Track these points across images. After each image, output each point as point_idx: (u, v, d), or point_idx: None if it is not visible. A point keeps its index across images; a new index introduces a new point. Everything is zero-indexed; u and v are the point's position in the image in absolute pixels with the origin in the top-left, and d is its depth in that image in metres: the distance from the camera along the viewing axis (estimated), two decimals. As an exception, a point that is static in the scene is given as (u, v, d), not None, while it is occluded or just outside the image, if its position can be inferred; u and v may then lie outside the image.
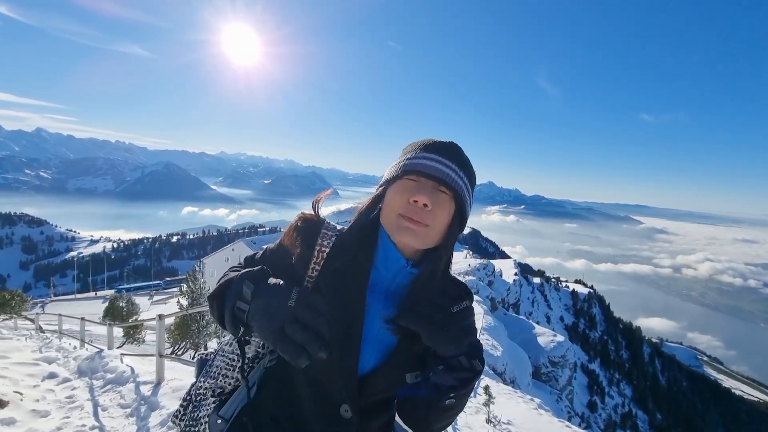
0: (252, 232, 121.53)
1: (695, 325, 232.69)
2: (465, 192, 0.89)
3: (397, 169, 0.89)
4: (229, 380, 0.98)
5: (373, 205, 0.94)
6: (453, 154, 0.89)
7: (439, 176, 0.85)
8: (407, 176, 0.87)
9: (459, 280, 0.99)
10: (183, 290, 14.94)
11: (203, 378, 1.02)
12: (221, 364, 1.00)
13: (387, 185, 0.91)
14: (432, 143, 0.90)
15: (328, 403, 0.89)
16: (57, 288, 66.00)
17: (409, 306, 0.87)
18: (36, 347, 7.48)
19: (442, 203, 0.86)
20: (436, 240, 0.88)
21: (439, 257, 0.90)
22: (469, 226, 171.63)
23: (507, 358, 28.62)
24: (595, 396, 54.13)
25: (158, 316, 5.12)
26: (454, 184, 0.86)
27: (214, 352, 1.07)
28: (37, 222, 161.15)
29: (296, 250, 0.92)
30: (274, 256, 0.96)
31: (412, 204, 0.84)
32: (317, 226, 0.94)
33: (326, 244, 0.91)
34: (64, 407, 4.29)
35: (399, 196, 0.87)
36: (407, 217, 0.84)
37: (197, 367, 1.07)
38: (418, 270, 0.91)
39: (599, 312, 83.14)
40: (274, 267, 0.90)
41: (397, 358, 0.92)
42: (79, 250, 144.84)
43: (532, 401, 16.39)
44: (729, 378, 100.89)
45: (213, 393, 0.97)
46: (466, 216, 0.91)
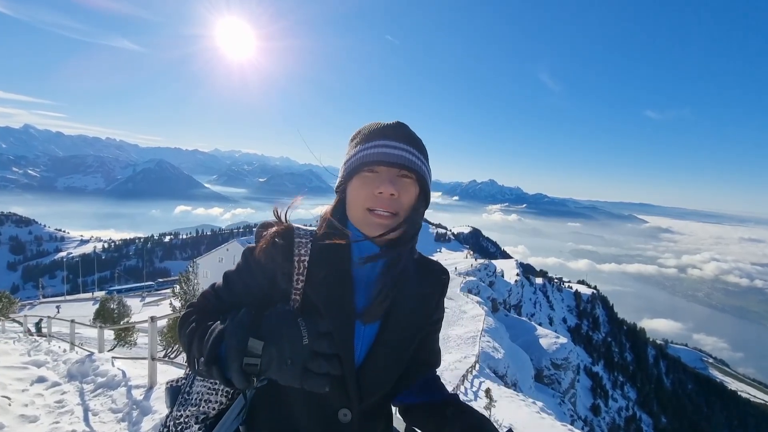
0: (247, 232, 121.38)
1: (701, 326, 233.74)
2: (425, 171, 0.92)
3: (353, 163, 0.90)
4: (213, 405, 0.96)
5: (339, 205, 0.95)
6: (403, 135, 0.91)
7: (398, 162, 0.87)
8: (365, 169, 0.88)
9: (430, 258, 1.05)
10: (176, 292, 14.96)
11: (181, 407, 0.99)
12: (202, 390, 0.98)
13: (346, 181, 0.92)
14: (379, 128, 0.92)
15: (325, 410, 0.89)
16: (46, 289, 65.75)
17: (381, 289, 0.90)
18: (24, 350, 7.46)
19: (406, 188, 0.89)
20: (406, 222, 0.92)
21: (409, 235, 0.93)
22: (470, 225, 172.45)
23: (508, 361, 28.68)
24: (599, 399, 54.36)
25: (150, 318, 5.11)
26: (414, 166, 0.89)
27: (186, 378, 1.04)
28: (26, 221, 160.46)
29: (275, 265, 0.90)
30: (244, 280, 0.93)
31: (378, 196, 0.86)
32: (290, 236, 0.93)
33: (304, 252, 0.91)
34: (53, 412, 4.28)
35: (362, 190, 0.88)
36: (375, 212, 0.87)
37: (169, 397, 1.04)
38: (393, 254, 0.93)
39: (603, 313, 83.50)
40: (249, 292, 0.90)
41: (387, 351, 0.93)
42: (68, 250, 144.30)
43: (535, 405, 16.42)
44: (735, 380, 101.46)
45: (197, 420, 0.95)
46: (429, 193, 0.95)
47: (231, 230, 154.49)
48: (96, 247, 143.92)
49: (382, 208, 0.86)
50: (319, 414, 0.89)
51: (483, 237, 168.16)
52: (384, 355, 0.92)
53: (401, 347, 0.95)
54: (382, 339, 0.92)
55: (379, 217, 0.86)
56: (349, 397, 0.88)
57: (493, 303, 50.32)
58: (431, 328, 1.04)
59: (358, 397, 0.89)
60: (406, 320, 0.95)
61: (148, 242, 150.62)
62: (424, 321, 1.00)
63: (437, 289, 1.03)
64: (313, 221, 1.03)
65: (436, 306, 1.03)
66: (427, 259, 1.05)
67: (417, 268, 1.00)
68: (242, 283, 0.92)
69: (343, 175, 0.93)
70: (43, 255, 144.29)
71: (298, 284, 0.90)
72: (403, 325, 0.94)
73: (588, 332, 73.79)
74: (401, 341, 0.95)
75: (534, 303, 70.49)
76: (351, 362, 0.88)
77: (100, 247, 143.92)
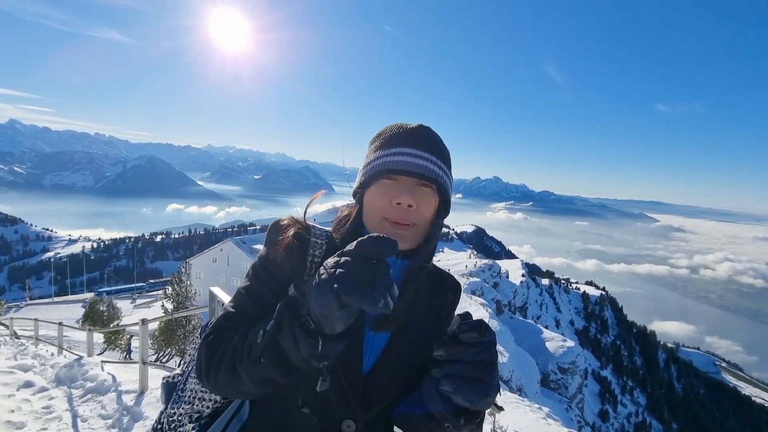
0: (241, 231, 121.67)
1: (713, 329, 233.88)
2: (447, 181, 0.91)
3: (372, 169, 0.90)
4: (207, 403, 0.96)
5: (357, 211, 0.96)
6: (426, 141, 0.90)
7: (418, 172, 0.86)
8: (385, 176, 0.88)
9: (443, 270, 1.06)
10: (168, 293, 15.00)
11: (175, 404, 0.99)
12: (196, 387, 0.98)
13: (364, 187, 0.92)
14: (401, 133, 0.91)
15: (328, 421, 0.88)
16: (33, 291, 65.94)
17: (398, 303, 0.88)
18: (10, 354, 7.48)
19: (426, 199, 0.88)
20: (426, 233, 0.91)
21: (428, 247, 0.93)
22: (474, 224, 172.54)
23: (514, 365, 28.77)
24: (607, 404, 54.51)
25: (141, 320, 5.13)
26: (435, 176, 0.88)
27: (182, 374, 1.04)
28: (11, 220, 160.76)
29: (291, 267, 0.90)
30: (270, 287, 0.90)
31: (396, 206, 0.86)
32: (306, 236, 0.93)
33: (318, 254, 0.91)
34: (41, 418, 4.29)
35: (380, 199, 0.88)
36: (393, 221, 0.86)
37: (165, 392, 1.04)
38: (409, 261, 0.92)
39: (611, 315, 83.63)
40: (278, 297, 0.81)
41: (396, 361, 0.92)
42: (56, 250, 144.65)
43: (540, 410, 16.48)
44: (749, 385, 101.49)
45: (191, 419, 0.95)
46: (449, 203, 0.95)
47: (225, 229, 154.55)
48: (85, 246, 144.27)
49: (400, 219, 0.86)
50: (322, 425, 0.88)
51: (487, 236, 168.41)
52: (392, 365, 0.92)
53: (410, 359, 0.94)
54: (392, 349, 0.92)
55: (396, 226, 0.86)
56: (353, 408, 0.87)
57: (498, 305, 50.44)
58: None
59: (363, 407, 0.88)
60: (417, 332, 0.95)
61: (138, 242, 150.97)
62: (435, 333, 0.99)
63: (449, 301, 1.04)
64: (312, 219, 1.01)
65: (447, 319, 1.04)
66: (441, 271, 1.05)
67: (431, 278, 1.00)
68: (269, 292, 0.89)
69: (361, 180, 0.93)
70: (29, 255, 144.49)
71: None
72: (414, 337, 0.94)
73: (596, 335, 73.91)
74: (411, 353, 0.94)
75: (540, 305, 70.58)
76: (358, 370, 0.88)
77: (89, 246, 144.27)
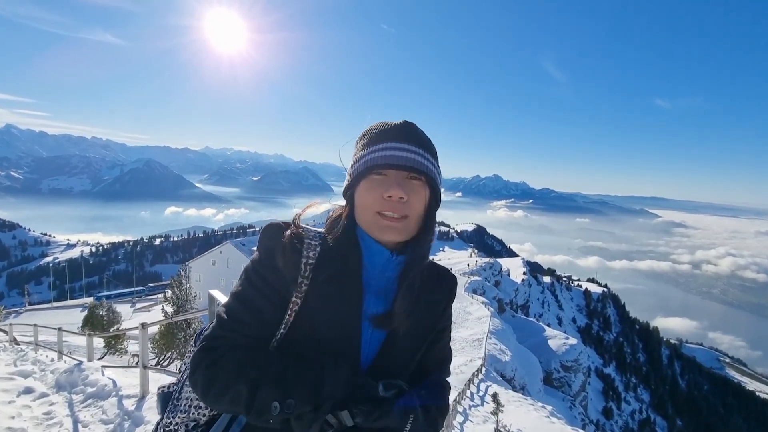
0: (241, 233, 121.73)
1: (717, 324, 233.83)
2: (435, 172, 0.94)
3: (360, 166, 0.92)
4: (203, 411, 0.97)
5: (349, 209, 0.97)
6: (412, 136, 0.93)
7: (407, 164, 0.89)
8: (374, 172, 0.90)
9: (440, 265, 1.09)
10: (168, 297, 15.02)
11: (170, 414, 1.00)
12: (191, 395, 0.99)
13: (354, 185, 0.94)
14: (387, 129, 0.93)
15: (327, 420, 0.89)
16: (32, 296, 65.84)
17: (396, 298, 0.94)
18: (10, 360, 7.47)
19: (417, 191, 0.91)
20: (418, 226, 0.94)
21: (424, 240, 0.96)
22: (474, 223, 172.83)
23: (516, 363, 28.77)
24: (611, 402, 54.50)
25: (141, 324, 5.12)
26: (424, 169, 0.91)
27: (177, 383, 1.05)
28: (9, 225, 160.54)
29: (286, 270, 0.91)
30: (263, 294, 0.92)
31: (387, 199, 0.88)
32: (299, 239, 0.94)
33: (312, 255, 0.93)
34: (41, 424, 4.28)
35: (371, 194, 0.90)
36: (385, 215, 0.89)
37: (161, 402, 1.06)
38: (404, 257, 0.95)
39: (614, 312, 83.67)
40: (273, 305, 0.91)
41: (394, 357, 0.95)
42: (54, 255, 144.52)
43: (544, 409, 16.51)
44: (753, 380, 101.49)
45: (187, 427, 0.96)
46: (439, 194, 0.97)
47: (224, 231, 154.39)
48: (83, 251, 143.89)
49: (392, 212, 0.88)
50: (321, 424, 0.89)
51: (488, 234, 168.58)
52: (390, 361, 0.94)
53: (408, 354, 0.97)
54: (390, 345, 0.94)
55: (389, 219, 0.88)
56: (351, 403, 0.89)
57: (500, 303, 50.46)
58: (437, 336, 1.05)
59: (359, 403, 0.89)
60: (414, 327, 0.96)
61: (137, 245, 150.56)
62: (432, 328, 1.03)
63: (445, 296, 1.06)
64: (311, 220, 1.02)
65: (443, 313, 1.05)
66: (437, 265, 1.07)
67: (427, 273, 1.01)
68: (262, 298, 0.91)
69: (350, 178, 0.95)
70: (28, 260, 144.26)
71: (301, 287, 0.90)
72: (412, 333, 0.96)
73: (599, 332, 73.94)
74: (409, 348, 0.97)
75: (542, 303, 70.67)
76: (357, 365, 0.90)
77: (88, 251, 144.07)
